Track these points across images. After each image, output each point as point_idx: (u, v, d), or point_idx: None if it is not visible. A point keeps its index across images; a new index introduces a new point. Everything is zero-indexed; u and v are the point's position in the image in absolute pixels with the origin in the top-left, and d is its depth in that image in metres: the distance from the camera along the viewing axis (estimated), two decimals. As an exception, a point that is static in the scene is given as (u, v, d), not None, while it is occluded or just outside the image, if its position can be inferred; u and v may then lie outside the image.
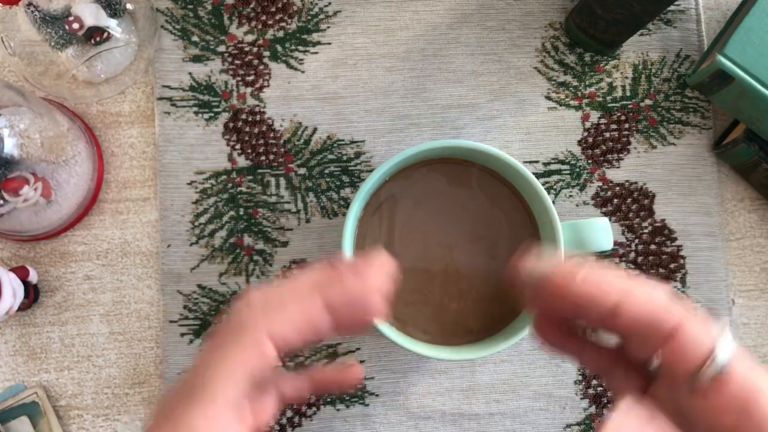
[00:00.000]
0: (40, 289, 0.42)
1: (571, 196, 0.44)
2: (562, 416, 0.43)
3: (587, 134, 0.44)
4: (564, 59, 0.45)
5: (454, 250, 0.39)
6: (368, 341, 0.43)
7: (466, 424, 0.43)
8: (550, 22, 0.45)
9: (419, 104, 0.44)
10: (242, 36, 0.44)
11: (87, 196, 0.42)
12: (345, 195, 0.43)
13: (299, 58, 0.44)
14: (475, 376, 0.43)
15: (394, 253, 0.39)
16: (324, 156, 0.44)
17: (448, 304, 0.39)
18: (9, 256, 0.43)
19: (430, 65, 0.44)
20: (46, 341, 0.42)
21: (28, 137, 0.38)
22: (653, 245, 0.44)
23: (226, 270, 0.43)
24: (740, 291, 0.44)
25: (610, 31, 0.42)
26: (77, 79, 0.43)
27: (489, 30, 0.45)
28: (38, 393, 0.41)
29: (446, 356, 0.36)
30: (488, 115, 0.44)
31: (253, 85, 0.44)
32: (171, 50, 0.43)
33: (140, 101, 0.44)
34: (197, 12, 0.44)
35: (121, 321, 0.43)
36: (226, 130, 0.43)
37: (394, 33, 0.44)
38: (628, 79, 0.45)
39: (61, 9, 0.40)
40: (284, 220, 0.43)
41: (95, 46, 0.41)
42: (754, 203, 0.45)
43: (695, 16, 0.45)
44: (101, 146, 0.43)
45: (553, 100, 0.45)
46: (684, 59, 0.45)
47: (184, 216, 0.43)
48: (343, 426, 0.43)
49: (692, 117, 0.45)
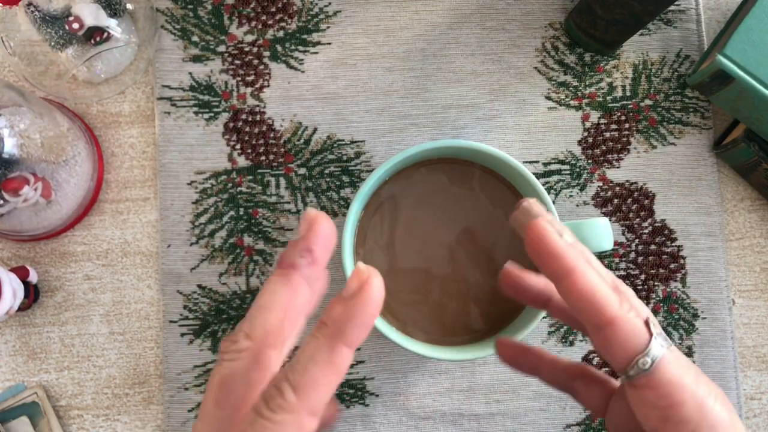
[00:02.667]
0: (40, 289, 0.42)
1: (571, 196, 0.44)
2: (562, 416, 0.43)
3: (587, 134, 0.44)
4: (564, 59, 0.45)
5: (454, 250, 0.39)
6: (368, 341, 0.43)
7: (466, 424, 0.43)
8: (550, 22, 0.45)
9: (419, 104, 0.44)
10: (242, 36, 0.44)
11: (87, 196, 0.42)
12: (345, 195, 0.43)
13: (299, 58, 0.44)
14: (475, 376, 0.43)
15: (394, 253, 0.39)
16: (324, 156, 0.44)
17: (448, 304, 0.39)
18: (9, 256, 0.43)
19: (430, 65, 0.44)
20: (46, 341, 0.42)
21: (28, 137, 0.38)
22: (653, 245, 0.44)
23: (226, 270, 0.43)
24: (740, 291, 0.44)
25: (610, 31, 0.42)
26: (77, 79, 0.43)
27: (489, 30, 0.45)
28: (38, 393, 0.41)
29: (446, 356, 0.36)
30: (488, 115, 0.44)
31: (253, 85, 0.44)
32: (171, 50, 0.43)
33: (140, 101, 0.44)
34: (197, 12, 0.44)
35: (121, 321, 0.43)
36: (226, 130, 0.43)
37: (394, 33, 0.44)
38: (628, 79, 0.45)
39: (61, 9, 0.40)
40: (284, 220, 0.43)
41: (95, 46, 0.41)
42: (754, 203, 0.45)
43: (695, 16, 0.45)
44: (101, 146, 0.43)
45: (553, 100, 0.45)
46: (684, 59, 0.45)
47: (184, 216, 0.43)
48: (343, 426, 0.43)
49: (692, 117, 0.45)
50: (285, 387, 0.21)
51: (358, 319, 0.21)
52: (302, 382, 0.21)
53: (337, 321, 0.21)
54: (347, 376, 0.43)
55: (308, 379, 0.21)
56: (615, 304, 0.25)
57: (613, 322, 0.24)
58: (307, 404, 0.21)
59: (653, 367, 0.24)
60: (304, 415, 0.21)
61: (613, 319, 0.24)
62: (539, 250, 0.25)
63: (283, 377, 0.21)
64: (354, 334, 0.21)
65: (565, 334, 0.44)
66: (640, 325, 0.25)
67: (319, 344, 0.21)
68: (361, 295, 0.21)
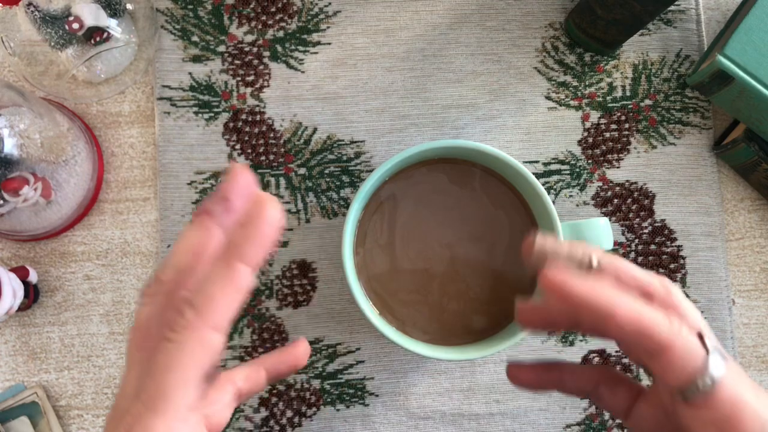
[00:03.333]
0: (40, 289, 0.42)
1: (571, 196, 0.44)
2: (562, 416, 0.43)
3: (587, 134, 0.44)
4: (564, 59, 0.45)
5: (454, 250, 0.39)
6: (368, 341, 0.43)
7: (466, 424, 0.43)
8: (550, 22, 0.45)
9: (419, 104, 0.44)
10: (242, 36, 0.44)
11: (87, 196, 0.42)
12: (345, 195, 0.43)
13: (299, 58, 0.44)
14: (475, 376, 0.43)
15: (394, 253, 0.39)
16: (324, 156, 0.44)
17: (447, 304, 0.39)
18: (9, 256, 0.43)
19: (430, 65, 0.44)
20: (46, 341, 0.42)
21: (28, 137, 0.38)
22: (653, 245, 0.44)
23: (226, 270, 0.43)
24: (740, 291, 0.44)
25: (610, 31, 0.42)
26: (77, 79, 0.43)
27: (489, 30, 0.45)
28: (38, 393, 0.41)
29: (446, 356, 0.36)
30: (488, 115, 0.44)
31: (253, 85, 0.44)
32: (171, 50, 0.43)
33: (140, 101, 0.44)
34: (197, 12, 0.44)
35: (121, 321, 0.43)
36: (226, 130, 0.43)
37: (394, 33, 0.44)
38: (628, 79, 0.45)
39: (61, 9, 0.40)
40: (284, 220, 0.43)
41: (95, 46, 0.41)
42: (754, 203, 0.45)
43: (695, 16, 0.45)
44: (101, 146, 0.43)
45: (553, 100, 0.45)
46: (684, 59, 0.45)
47: (184, 216, 0.43)
48: (343, 426, 0.43)
49: (692, 117, 0.45)
50: (185, 308, 0.22)
51: (253, 240, 0.22)
52: (200, 300, 0.22)
53: (234, 242, 0.22)
54: (347, 375, 0.43)
55: (205, 297, 0.22)
56: (665, 325, 0.24)
57: (667, 347, 0.23)
58: (207, 320, 0.21)
59: (717, 381, 0.23)
60: (205, 331, 0.21)
61: (667, 344, 0.23)
62: (570, 304, 0.24)
63: (183, 300, 0.22)
64: (250, 252, 0.22)
65: (565, 333, 0.44)
66: (696, 342, 0.24)
67: (217, 265, 0.22)
68: (257, 217, 0.22)
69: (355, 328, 0.43)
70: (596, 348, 0.44)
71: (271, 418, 0.43)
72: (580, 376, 0.30)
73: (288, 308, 0.43)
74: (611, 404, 0.29)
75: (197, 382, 0.22)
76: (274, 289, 0.43)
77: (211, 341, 0.22)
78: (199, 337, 0.21)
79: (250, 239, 0.22)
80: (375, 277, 0.39)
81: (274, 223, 0.23)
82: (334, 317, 0.43)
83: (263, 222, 0.22)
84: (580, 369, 0.30)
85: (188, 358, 0.21)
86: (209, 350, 0.22)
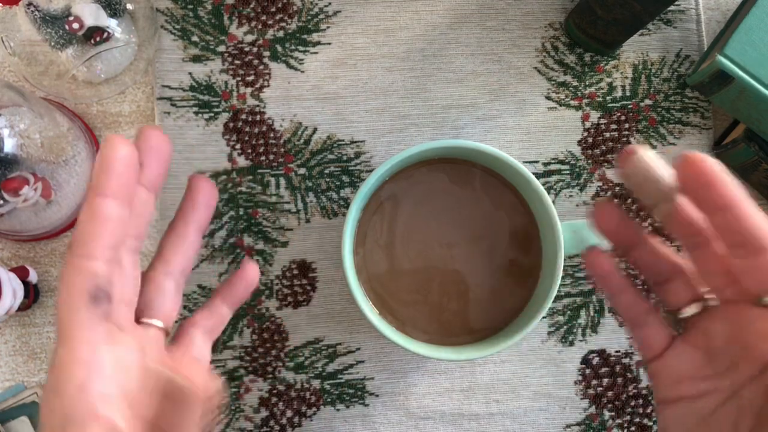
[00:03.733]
0: (40, 289, 0.42)
1: (571, 196, 0.44)
2: (562, 416, 0.43)
3: (587, 134, 0.44)
4: (564, 59, 0.45)
5: (454, 250, 0.39)
6: (368, 341, 0.43)
7: (466, 424, 0.43)
8: (550, 22, 0.45)
9: (419, 104, 0.44)
10: (242, 36, 0.44)
11: (87, 196, 0.42)
12: (345, 195, 0.43)
13: (299, 58, 0.44)
14: (475, 376, 0.43)
15: (394, 253, 0.39)
16: (324, 156, 0.44)
17: (447, 304, 0.39)
18: (9, 256, 0.43)
19: (430, 65, 0.44)
20: (46, 341, 0.42)
21: (28, 137, 0.38)
22: (653, 245, 0.44)
23: (227, 270, 0.43)
24: (740, 291, 0.44)
25: (610, 31, 0.42)
26: (77, 79, 0.43)
27: (489, 30, 0.45)
28: (38, 393, 0.41)
29: (446, 356, 0.36)
30: (488, 115, 0.44)
31: (253, 85, 0.44)
32: (171, 50, 0.43)
33: (140, 101, 0.44)
34: (197, 12, 0.44)
35: (121, 321, 0.43)
36: (226, 130, 0.43)
37: (394, 33, 0.44)
38: (628, 79, 0.45)
39: (61, 9, 0.40)
40: (284, 220, 0.43)
41: (95, 46, 0.41)
42: (754, 203, 0.45)
43: (695, 16, 0.45)
44: (101, 146, 0.43)
45: (553, 100, 0.45)
46: (684, 59, 0.45)
47: (184, 216, 0.43)
48: (343, 426, 0.43)
49: (692, 117, 0.45)
50: (67, 252, 0.25)
51: (104, 174, 0.25)
52: (74, 238, 0.25)
53: (92, 182, 0.25)
54: (347, 375, 0.43)
55: (77, 233, 0.25)
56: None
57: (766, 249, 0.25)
58: (75, 251, 0.25)
59: None
60: (80, 260, 0.24)
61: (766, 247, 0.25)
62: (704, 183, 0.25)
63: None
64: (102, 185, 0.25)
65: (565, 334, 0.44)
66: None
67: (83, 206, 0.25)
68: (106, 156, 0.25)
69: (355, 328, 0.43)
70: (596, 348, 0.44)
71: (271, 418, 0.43)
72: (635, 301, 0.30)
73: (288, 308, 0.43)
74: (650, 337, 0.29)
75: (86, 305, 0.24)
76: (274, 289, 0.43)
77: (86, 267, 0.24)
78: (77, 266, 0.24)
79: (101, 175, 0.25)
80: (375, 277, 0.39)
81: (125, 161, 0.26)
82: (334, 317, 0.43)
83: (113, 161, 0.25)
84: (657, 248, 0.30)
85: (70, 288, 0.24)
86: (86, 275, 0.24)
